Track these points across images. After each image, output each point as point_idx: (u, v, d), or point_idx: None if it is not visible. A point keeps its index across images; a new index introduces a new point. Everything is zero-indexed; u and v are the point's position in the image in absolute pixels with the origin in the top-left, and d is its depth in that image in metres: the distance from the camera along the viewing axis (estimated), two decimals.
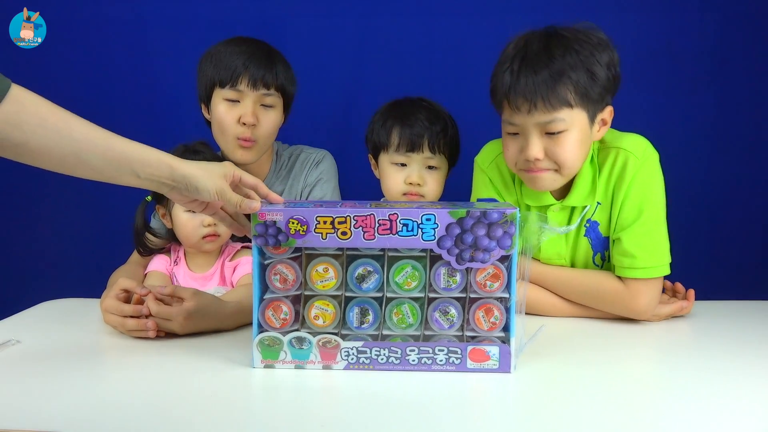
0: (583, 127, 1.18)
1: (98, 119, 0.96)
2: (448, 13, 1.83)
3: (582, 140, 1.19)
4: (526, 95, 1.14)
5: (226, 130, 1.39)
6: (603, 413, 0.85)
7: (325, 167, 1.51)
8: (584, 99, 1.16)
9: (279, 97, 1.41)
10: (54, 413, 0.83)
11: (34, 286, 1.64)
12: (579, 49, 1.15)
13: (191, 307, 1.11)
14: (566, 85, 1.14)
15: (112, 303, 1.13)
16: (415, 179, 1.36)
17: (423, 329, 0.98)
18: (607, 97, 1.20)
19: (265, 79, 1.37)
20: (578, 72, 1.14)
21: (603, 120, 1.22)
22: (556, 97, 1.13)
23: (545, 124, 1.15)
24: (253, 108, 1.37)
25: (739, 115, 1.82)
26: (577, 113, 1.16)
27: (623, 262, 1.22)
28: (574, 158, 1.19)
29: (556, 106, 1.14)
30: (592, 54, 1.16)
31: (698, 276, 1.37)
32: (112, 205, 1.89)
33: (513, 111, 1.17)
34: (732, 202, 1.84)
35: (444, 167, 1.40)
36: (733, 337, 1.16)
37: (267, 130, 1.41)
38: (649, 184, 1.23)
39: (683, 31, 1.79)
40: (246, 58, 1.37)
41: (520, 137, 1.20)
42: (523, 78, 1.14)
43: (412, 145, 1.36)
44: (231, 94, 1.37)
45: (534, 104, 1.14)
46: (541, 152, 1.17)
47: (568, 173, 1.21)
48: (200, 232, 1.29)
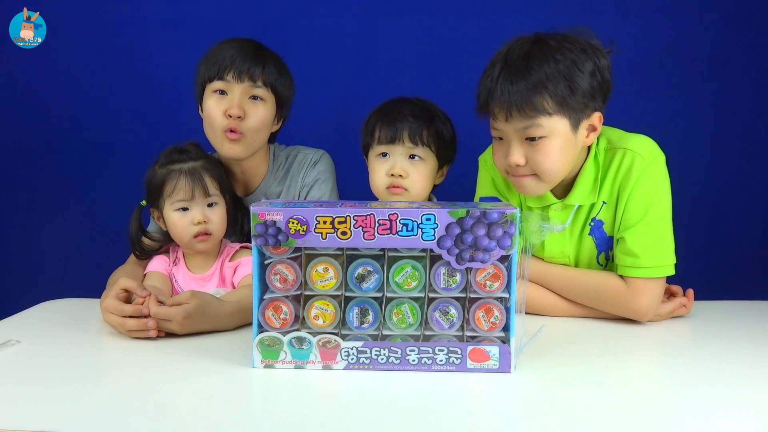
0: (565, 135, 1.18)
1: (98, 119, 0.96)
2: (448, 13, 1.83)
3: (564, 147, 1.19)
4: (502, 104, 1.15)
5: (214, 123, 1.39)
6: (603, 413, 0.85)
7: (322, 167, 1.51)
8: (563, 107, 1.15)
9: (268, 91, 1.41)
10: (54, 413, 0.84)
11: (34, 286, 1.64)
12: (560, 58, 1.15)
13: (190, 307, 1.11)
14: (542, 95, 1.14)
15: (112, 303, 1.13)
16: (397, 170, 1.35)
17: (423, 329, 0.98)
18: (591, 104, 1.19)
19: (251, 72, 1.37)
20: (556, 82, 1.14)
21: (591, 126, 1.21)
22: (532, 106, 1.14)
23: (524, 130, 1.17)
24: (239, 100, 1.37)
25: (738, 116, 1.82)
26: (557, 121, 1.16)
27: (626, 261, 1.22)
28: (555, 165, 1.19)
29: (531, 115, 1.15)
30: (574, 63, 1.15)
31: (698, 276, 1.36)
32: (112, 206, 1.89)
33: (494, 117, 1.19)
34: (732, 202, 1.84)
35: (431, 161, 1.38)
36: (733, 337, 1.16)
37: (254, 123, 1.39)
38: (654, 184, 1.23)
39: (683, 31, 1.79)
40: (234, 52, 1.38)
41: (504, 142, 1.21)
42: (500, 87, 1.15)
43: (392, 137, 1.35)
44: (219, 85, 1.38)
45: (509, 113, 1.15)
46: (522, 158, 1.18)
47: (550, 179, 1.21)
48: (191, 231, 1.30)
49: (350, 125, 1.64)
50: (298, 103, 1.53)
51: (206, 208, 1.31)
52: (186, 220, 1.30)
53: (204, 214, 1.30)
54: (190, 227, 1.30)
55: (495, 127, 1.21)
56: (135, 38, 1.89)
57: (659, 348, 1.15)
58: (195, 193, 1.29)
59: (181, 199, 1.29)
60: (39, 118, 1.92)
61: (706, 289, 1.34)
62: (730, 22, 1.78)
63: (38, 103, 1.92)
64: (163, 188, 1.30)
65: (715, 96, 1.81)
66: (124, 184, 1.83)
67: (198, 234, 1.30)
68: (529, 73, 1.14)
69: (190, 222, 1.29)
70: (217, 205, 1.33)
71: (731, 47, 1.80)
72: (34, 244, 1.98)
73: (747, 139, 1.83)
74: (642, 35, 1.78)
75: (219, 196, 1.33)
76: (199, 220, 1.29)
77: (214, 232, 1.32)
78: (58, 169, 1.92)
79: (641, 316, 1.22)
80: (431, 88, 1.53)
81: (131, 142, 1.88)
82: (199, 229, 1.29)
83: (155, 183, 1.32)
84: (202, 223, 1.29)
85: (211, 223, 1.31)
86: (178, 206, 1.30)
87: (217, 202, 1.33)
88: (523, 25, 1.27)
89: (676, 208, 1.28)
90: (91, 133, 1.91)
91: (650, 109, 1.79)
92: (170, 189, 1.30)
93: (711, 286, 1.38)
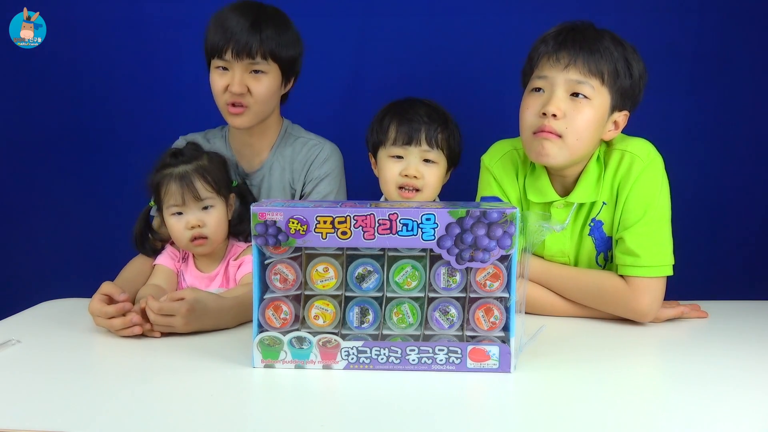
0: (603, 110, 1.22)
1: (98, 119, 0.96)
2: (449, 13, 1.83)
3: (596, 122, 1.21)
4: (570, 51, 1.21)
5: (218, 97, 1.42)
6: (603, 413, 0.85)
7: (332, 165, 1.49)
8: (613, 84, 1.21)
9: (269, 63, 1.40)
10: (54, 413, 0.83)
11: (34, 286, 1.63)
12: (625, 45, 1.24)
13: (193, 300, 1.12)
14: (606, 61, 1.21)
15: (96, 306, 1.14)
16: (411, 171, 1.36)
17: (423, 329, 0.98)
18: (628, 100, 1.25)
19: (249, 47, 1.37)
20: (617, 59, 1.22)
21: (616, 122, 1.25)
22: (595, 64, 1.20)
23: (576, 84, 1.20)
24: (240, 77, 1.38)
25: (739, 116, 1.82)
26: (604, 92, 1.21)
27: (626, 261, 1.23)
28: (584, 131, 1.21)
29: (592, 71, 1.20)
30: (633, 55, 1.24)
31: (698, 276, 1.37)
32: (113, 206, 1.89)
33: (551, 64, 1.22)
34: (732, 202, 1.84)
35: (442, 163, 1.40)
36: (733, 337, 1.16)
37: (259, 96, 1.40)
38: (653, 185, 1.24)
39: (683, 31, 1.79)
40: (234, 26, 1.37)
41: (544, 94, 1.22)
42: (571, 39, 1.22)
43: (409, 138, 1.36)
44: (220, 62, 1.39)
45: (574, 60, 1.20)
46: (561, 110, 1.20)
47: (573, 146, 1.21)
48: (186, 235, 1.30)
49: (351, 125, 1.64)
50: (298, 103, 1.53)
51: (201, 211, 1.30)
52: (181, 224, 1.30)
53: (198, 218, 1.30)
54: (185, 231, 1.30)
55: (544, 75, 1.23)
56: (135, 38, 1.89)
57: (659, 348, 1.15)
58: (185, 198, 1.29)
59: (173, 204, 1.30)
60: (39, 118, 1.92)
61: (706, 289, 1.34)
62: (731, 21, 1.78)
63: (38, 103, 1.92)
64: (159, 192, 1.31)
65: (715, 96, 1.81)
66: (125, 184, 1.83)
67: (194, 238, 1.30)
68: (599, 40, 1.22)
69: (185, 226, 1.30)
70: (214, 207, 1.32)
71: (732, 47, 1.79)
72: (34, 244, 1.98)
73: (747, 139, 1.83)
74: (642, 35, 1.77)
75: (215, 198, 1.32)
76: (193, 225, 1.29)
77: (210, 236, 1.31)
78: (58, 169, 1.92)
79: (642, 316, 1.22)
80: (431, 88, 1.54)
81: (131, 142, 1.88)
82: (194, 233, 1.29)
83: (153, 187, 1.33)
84: (196, 228, 1.29)
85: (206, 227, 1.30)
86: (173, 211, 1.30)
87: (213, 204, 1.32)
88: (524, 26, 1.28)
89: (676, 208, 1.29)
90: (92, 133, 1.91)
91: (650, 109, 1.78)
92: (164, 193, 1.31)
93: (711, 286, 1.38)
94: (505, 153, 1.35)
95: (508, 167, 1.34)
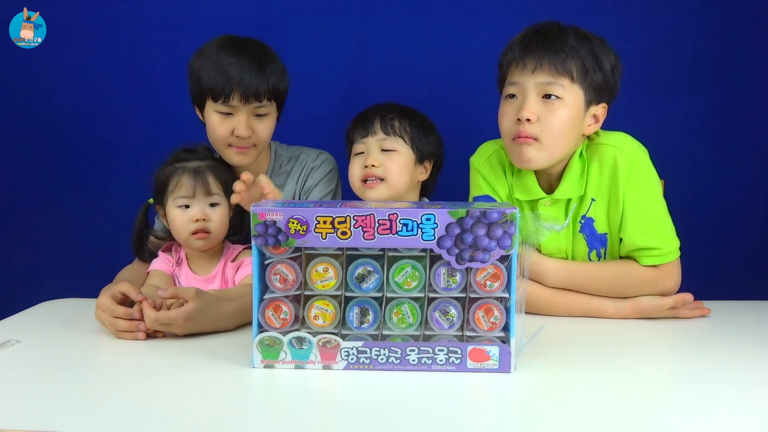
0: (578, 107, 1.23)
1: (98, 119, 0.96)
2: (448, 14, 1.83)
3: (573, 119, 1.23)
4: (535, 55, 1.23)
5: (219, 140, 1.39)
6: (603, 413, 0.85)
7: (325, 170, 1.50)
8: (584, 80, 1.23)
9: (272, 104, 1.40)
10: (54, 413, 0.83)
11: (34, 286, 1.63)
12: (591, 39, 1.25)
13: (191, 310, 1.11)
14: (573, 59, 1.22)
15: (106, 301, 1.13)
16: (369, 161, 1.38)
17: (423, 329, 0.98)
18: (604, 94, 1.25)
19: (257, 92, 1.34)
20: (585, 55, 1.23)
21: (595, 116, 1.27)
22: (562, 64, 1.22)
23: (545, 85, 1.22)
24: (246, 121, 1.36)
25: (739, 116, 1.82)
26: (575, 90, 1.23)
27: (652, 253, 1.26)
28: (561, 130, 1.22)
29: (559, 71, 1.21)
30: (601, 49, 1.25)
31: (699, 276, 1.37)
32: (113, 206, 1.89)
33: (520, 70, 1.23)
34: (732, 202, 1.84)
35: (405, 152, 1.41)
36: (733, 337, 1.16)
37: (263, 137, 1.40)
38: (647, 176, 1.27)
39: (683, 31, 1.79)
40: (238, 70, 1.33)
41: (517, 100, 1.24)
42: (535, 43, 1.24)
43: (365, 130, 1.41)
44: (223, 108, 1.36)
45: (540, 63, 1.22)
46: (535, 114, 1.22)
47: (551, 147, 1.23)
48: (189, 228, 1.30)
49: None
50: (298, 103, 1.53)
51: (207, 207, 1.31)
52: (186, 216, 1.30)
53: (204, 212, 1.30)
54: (188, 224, 1.30)
55: (514, 82, 1.25)
56: (135, 38, 1.88)
57: (659, 348, 1.15)
58: (196, 190, 1.30)
59: (182, 195, 1.30)
60: (39, 118, 1.92)
61: (706, 289, 1.34)
62: (730, 21, 1.78)
63: (38, 103, 1.92)
64: (167, 185, 1.32)
65: (715, 96, 1.81)
66: (125, 184, 1.83)
67: (196, 231, 1.30)
68: (564, 39, 1.23)
69: (189, 219, 1.30)
70: (220, 206, 1.33)
71: (731, 47, 1.79)
72: (34, 244, 1.98)
73: (747, 139, 1.83)
74: (642, 35, 1.77)
75: (222, 197, 1.33)
76: (198, 218, 1.30)
77: (213, 231, 1.32)
78: (58, 169, 1.92)
79: (671, 292, 1.28)
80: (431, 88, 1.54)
81: (132, 142, 1.87)
82: (198, 226, 1.30)
83: (161, 180, 1.34)
84: (201, 221, 1.30)
85: (211, 221, 1.31)
86: (180, 203, 1.31)
87: (220, 203, 1.33)
88: (523, 26, 1.28)
89: (677, 207, 1.29)
90: (92, 133, 1.90)
91: (650, 109, 1.79)
92: (173, 185, 1.31)
93: (711, 286, 1.38)
94: (492, 153, 1.37)
95: (495, 167, 1.36)
